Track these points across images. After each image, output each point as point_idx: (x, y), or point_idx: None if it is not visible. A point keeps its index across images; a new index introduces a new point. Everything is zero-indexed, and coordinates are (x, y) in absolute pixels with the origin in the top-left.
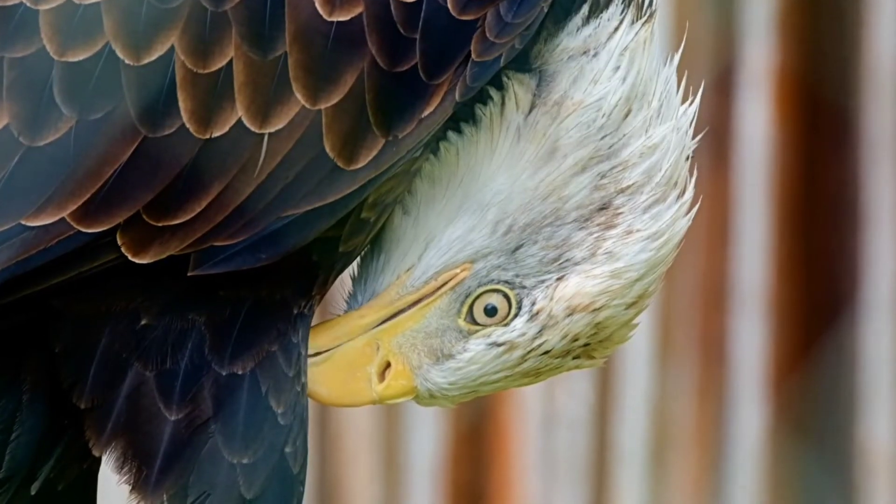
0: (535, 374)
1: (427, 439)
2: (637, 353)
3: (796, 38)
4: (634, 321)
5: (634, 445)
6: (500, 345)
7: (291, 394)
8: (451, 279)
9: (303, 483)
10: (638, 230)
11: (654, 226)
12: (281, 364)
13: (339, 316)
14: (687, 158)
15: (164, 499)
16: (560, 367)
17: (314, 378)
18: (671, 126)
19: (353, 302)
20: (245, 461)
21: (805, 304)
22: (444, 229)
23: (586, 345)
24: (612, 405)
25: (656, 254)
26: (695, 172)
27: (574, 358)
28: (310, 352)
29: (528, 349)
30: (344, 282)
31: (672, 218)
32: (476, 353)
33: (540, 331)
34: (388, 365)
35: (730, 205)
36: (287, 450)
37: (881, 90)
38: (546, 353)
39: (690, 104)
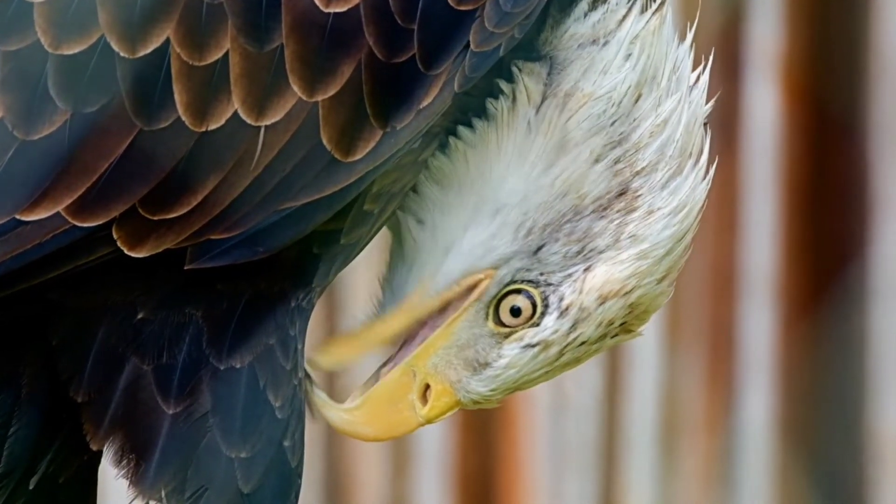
0: (575, 361)
1: (435, 428)
2: (645, 340)
3: (805, 22)
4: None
5: (643, 433)
6: (534, 345)
7: (289, 387)
8: (474, 287)
9: (300, 476)
10: (659, 208)
11: (674, 201)
12: (279, 357)
13: (362, 325)
14: (700, 126)
15: (162, 493)
16: (600, 349)
17: (357, 420)
18: (678, 98)
19: (380, 312)
20: (243, 455)
21: (814, 290)
22: (464, 234)
23: (622, 324)
24: (620, 393)
25: (680, 226)
26: (708, 136)
27: (612, 337)
28: (335, 364)
29: (564, 344)
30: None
31: (690, 187)
32: (512, 357)
33: (573, 325)
34: (428, 386)
35: (738, 191)
36: (285, 443)
37: (890, 75)
38: (583, 343)
39: (699, 79)
